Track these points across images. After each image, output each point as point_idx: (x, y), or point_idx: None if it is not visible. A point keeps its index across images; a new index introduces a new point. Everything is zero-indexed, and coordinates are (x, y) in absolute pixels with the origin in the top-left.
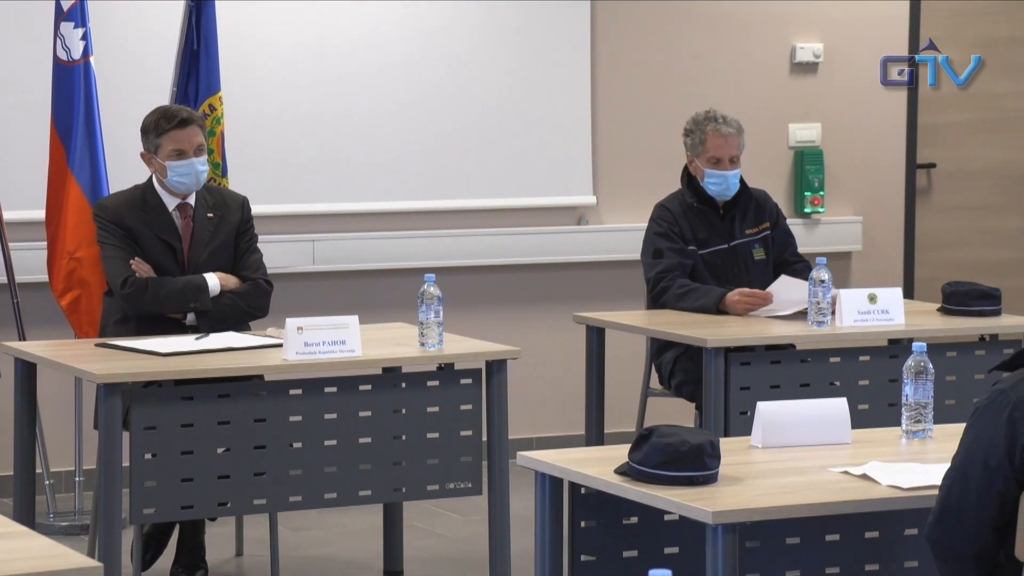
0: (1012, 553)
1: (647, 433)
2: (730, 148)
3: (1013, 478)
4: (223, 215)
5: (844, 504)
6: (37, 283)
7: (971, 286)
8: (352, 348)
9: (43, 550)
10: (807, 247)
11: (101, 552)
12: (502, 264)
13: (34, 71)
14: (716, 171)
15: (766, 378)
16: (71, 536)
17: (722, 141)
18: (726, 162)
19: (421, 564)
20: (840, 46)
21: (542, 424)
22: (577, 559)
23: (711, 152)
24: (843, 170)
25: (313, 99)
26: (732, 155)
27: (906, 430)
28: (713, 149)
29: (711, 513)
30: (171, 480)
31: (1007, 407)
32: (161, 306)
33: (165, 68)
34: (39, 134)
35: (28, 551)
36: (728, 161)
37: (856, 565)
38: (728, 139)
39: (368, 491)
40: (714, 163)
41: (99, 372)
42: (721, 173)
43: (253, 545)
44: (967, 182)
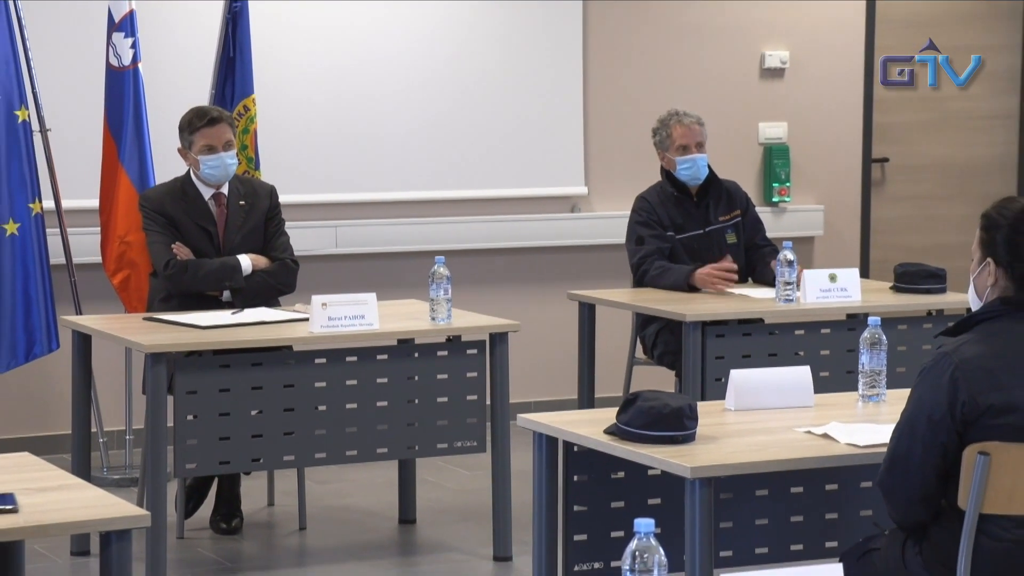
0: (955, 501)
1: (632, 398)
2: (694, 135)
3: (954, 430)
4: (254, 203)
5: (807, 460)
6: (92, 264)
7: (919, 267)
8: (370, 322)
9: (98, 500)
10: (774, 232)
11: (149, 502)
12: (504, 247)
13: (89, 76)
14: (685, 157)
15: (738, 348)
16: (122, 488)
17: (685, 130)
18: (692, 147)
19: (431, 514)
20: (804, 53)
21: (539, 389)
22: (570, 509)
23: (678, 141)
24: (807, 164)
25: (335, 101)
26: (697, 141)
27: (862, 394)
28: (679, 138)
29: (689, 468)
30: (210, 439)
31: (949, 368)
32: (200, 285)
33: (204, 73)
34: (94, 132)
35: (85, 501)
36: (694, 147)
37: (817, 514)
38: (691, 128)
39: (384, 449)
40: (682, 151)
41: (147, 343)
42: (690, 158)
43: (283, 496)
44: (916, 175)
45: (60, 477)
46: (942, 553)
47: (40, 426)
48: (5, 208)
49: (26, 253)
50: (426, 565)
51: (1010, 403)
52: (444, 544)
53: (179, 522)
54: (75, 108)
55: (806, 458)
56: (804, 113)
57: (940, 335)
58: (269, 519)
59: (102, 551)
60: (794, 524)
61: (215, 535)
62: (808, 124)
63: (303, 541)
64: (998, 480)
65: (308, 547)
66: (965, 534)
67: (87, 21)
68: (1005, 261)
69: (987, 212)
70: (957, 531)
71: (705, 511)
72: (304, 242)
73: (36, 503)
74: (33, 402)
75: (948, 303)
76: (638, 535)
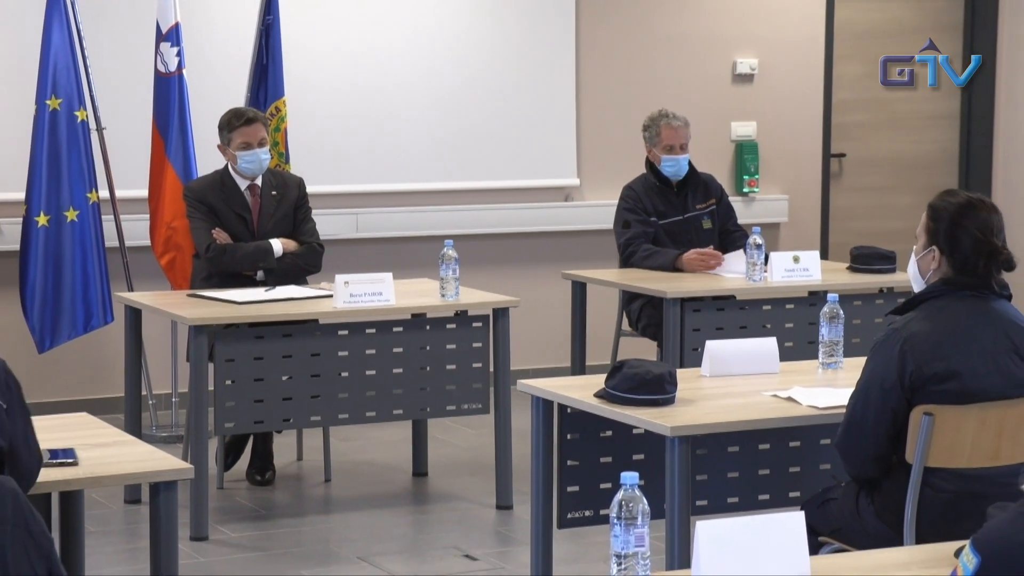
0: (903, 457)
1: (619, 365)
2: (680, 137)
3: (903, 396)
4: (284, 193)
5: (773, 420)
6: (142, 247)
7: (873, 249)
8: (387, 298)
9: (148, 455)
10: (745, 219)
11: (193, 457)
12: (505, 232)
13: (140, 81)
14: (670, 156)
15: (713, 322)
16: (169, 444)
17: (673, 132)
18: (677, 148)
19: (441, 467)
20: (771, 61)
21: (537, 358)
22: (564, 464)
23: (665, 141)
24: (773, 158)
25: (355, 103)
26: (682, 143)
27: (822, 362)
28: (667, 139)
29: (669, 428)
30: (246, 401)
31: (899, 342)
32: (237, 266)
33: (241, 78)
34: (143, 130)
35: (136, 455)
36: (679, 147)
37: (782, 467)
38: (678, 130)
39: (400, 410)
40: (668, 150)
41: (190, 317)
42: (674, 158)
43: (310, 452)
44: (869, 168)
45: (114, 434)
46: (891, 502)
47: (97, 389)
48: (66, 197)
49: (84, 237)
50: (436, 513)
51: (951, 371)
52: (452, 494)
53: (219, 474)
54: (127, 109)
55: (772, 418)
56: (771, 113)
57: (890, 313)
58: (298, 472)
59: (151, 499)
60: (761, 476)
61: (251, 486)
62: (774, 123)
63: (328, 491)
64: (940, 438)
65: (332, 497)
66: (912, 485)
67: (138, 32)
68: (947, 248)
69: (933, 203)
70: (905, 483)
71: (683, 465)
72: (328, 227)
73: (94, 457)
74: (90, 368)
75: (897, 281)
76: (624, 486)
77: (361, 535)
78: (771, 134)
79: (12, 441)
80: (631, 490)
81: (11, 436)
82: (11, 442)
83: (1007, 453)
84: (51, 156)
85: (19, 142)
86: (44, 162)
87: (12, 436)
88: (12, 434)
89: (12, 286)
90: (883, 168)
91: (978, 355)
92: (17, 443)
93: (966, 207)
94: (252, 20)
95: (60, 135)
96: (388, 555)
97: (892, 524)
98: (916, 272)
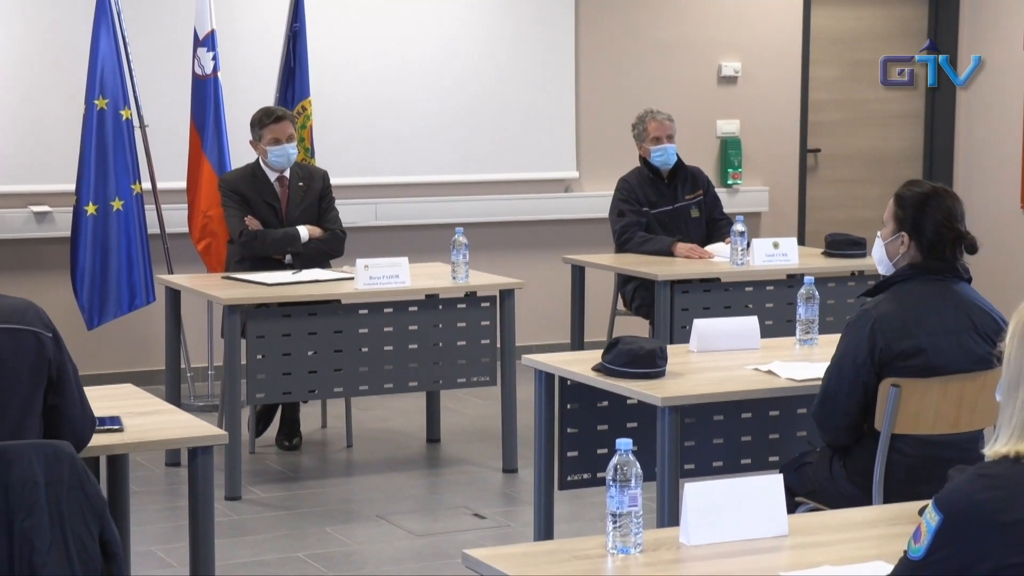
0: (872, 425)
1: (615, 341)
2: (665, 129)
3: (873, 371)
4: (310, 184)
5: (754, 391)
6: (180, 234)
7: (845, 236)
8: (404, 280)
9: (186, 422)
10: (729, 208)
11: (227, 424)
12: (511, 220)
13: (179, 83)
14: (658, 146)
15: (700, 302)
16: (205, 412)
17: (659, 124)
18: (664, 139)
19: (452, 435)
20: (753, 65)
21: (539, 335)
22: (564, 431)
23: (652, 134)
24: (755, 153)
25: (374, 103)
26: (668, 134)
27: (799, 339)
28: (653, 131)
29: (660, 398)
30: (275, 374)
31: (869, 322)
32: (267, 250)
33: (270, 80)
34: (182, 128)
35: (176, 423)
36: (665, 138)
37: (762, 434)
38: (663, 123)
39: (415, 382)
40: (656, 141)
41: (224, 297)
42: (662, 147)
43: (333, 420)
44: (842, 162)
45: (156, 404)
46: (861, 466)
47: (140, 363)
48: (112, 189)
49: (129, 225)
50: (448, 476)
51: (917, 348)
52: (463, 459)
53: (251, 440)
54: (167, 108)
55: (754, 390)
56: (753, 112)
57: (862, 295)
58: (322, 438)
59: (190, 462)
60: (744, 442)
61: (279, 451)
62: (756, 121)
63: (350, 456)
64: (906, 408)
65: (354, 460)
66: (880, 450)
67: (177, 39)
68: (914, 233)
69: (899, 192)
70: (874, 449)
71: (673, 432)
72: (350, 216)
73: (137, 424)
74: (134, 343)
75: (868, 266)
76: (619, 452)
77: (380, 495)
78: (753, 131)
79: (69, 407)
80: (625, 455)
81: (67, 403)
82: (68, 408)
83: (966, 421)
84: (99, 151)
85: (70, 139)
86: (92, 157)
87: (69, 402)
88: (69, 400)
89: (64, 269)
90: (854, 162)
91: (941, 333)
92: (74, 409)
93: (931, 195)
94: (281, 27)
95: (107, 132)
96: (404, 514)
97: (862, 486)
98: (883, 255)
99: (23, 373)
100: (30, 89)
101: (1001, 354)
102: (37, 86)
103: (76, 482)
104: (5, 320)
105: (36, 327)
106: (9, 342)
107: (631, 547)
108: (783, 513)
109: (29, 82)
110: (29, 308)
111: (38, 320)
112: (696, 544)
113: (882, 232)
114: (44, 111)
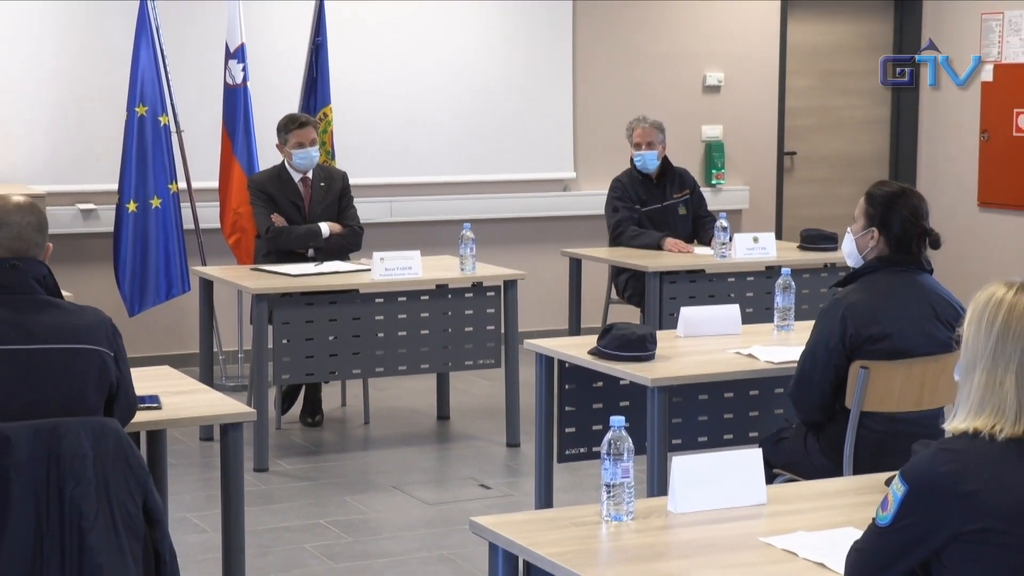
0: (843, 404)
1: (609, 328)
2: (647, 136)
3: (844, 355)
4: (330, 184)
5: (736, 373)
6: (213, 229)
7: (819, 232)
8: (416, 272)
9: (218, 400)
10: (714, 206)
11: (255, 402)
12: (514, 217)
13: (211, 92)
14: (639, 152)
15: (686, 292)
16: (236, 392)
17: (643, 132)
18: (644, 145)
19: (461, 413)
20: (735, 75)
21: (540, 321)
22: (563, 409)
23: (636, 139)
24: (737, 155)
25: (390, 109)
26: (648, 141)
27: (776, 325)
28: (637, 137)
29: (650, 379)
30: (299, 357)
31: (840, 310)
32: (291, 245)
33: (295, 89)
34: (215, 132)
35: (209, 401)
36: (645, 145)
37: (743, 412)
38: (645, 131)
39: (427, 365)
40: (637, 147)
41: (253, 287)
42: (641, 153)
43: (352, 399)
44: (816, 164)
45: (191, 384)
46: (833, 441)
47: (176, 346)
48: (151, 188)
49: (166, 221)
50: (457, 450)
51: (884, 333)
52: (470, 434)
53: (277, 417)
54: (201, 115)
55: (735, 371)
56: (735, 118)
57: (834, 285)
58: (342, 416)
59: (222, 437)
60: (726, 420)
61: (303, 427)
62: (738, 126)
63: (367, 432)
64: (874, 387)
65: (371, 436)
66: (850, 426)
67: (210, 51)
68: (883, 229)
69: (870, 191)
70: (844, 425)
71: (661, 410)
72: (367, 213)
73: (174, 402)
74: (171, 329)
75: (839, 258)
76: (613, 428)
77: (394, 467)
78: (735, 135)
79: (121, 383)
80: (618, 431)
81: (120, 379)
82: (120, 384)
83: (928, 400)
84: (139, 154)
85: (113, 143)
86: (133, 159)
87: (121, 379)
88: (120, 378)
89: (107, 261)
90: (827, 164)
91: (906, 320)
92: (125, 385)
93: (899, 195)
94: (304, 41)
95: (146, 136)
96: (416, 484)
97: (834, 459)
98: (852, 249)
99: (88, 386)
100: (77, 98)
101: (960, 338)
102: (83, 95)
103: (121, 455)
104: (73, 340)
105: (101, 346)
106: (76, 361)
107: (623, 515)
108: (762, 484)
109: (76, 91)
110: (99, 327)
111: (104, 339)
112: (683, 512)
113: (853, 227)
114: (90, 117)
